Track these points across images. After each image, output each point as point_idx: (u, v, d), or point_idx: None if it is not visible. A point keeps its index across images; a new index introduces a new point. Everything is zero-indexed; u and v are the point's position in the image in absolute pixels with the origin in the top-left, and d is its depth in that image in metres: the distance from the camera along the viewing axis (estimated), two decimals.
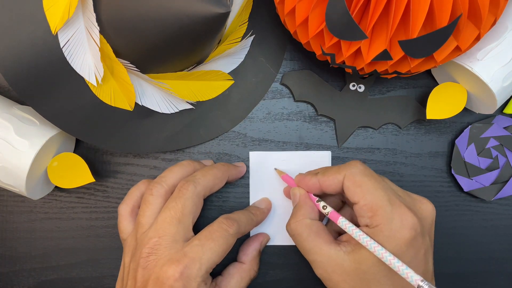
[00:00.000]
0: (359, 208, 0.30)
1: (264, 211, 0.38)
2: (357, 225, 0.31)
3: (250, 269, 0.36)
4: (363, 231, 0.29)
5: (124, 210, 0.35)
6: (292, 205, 0.35)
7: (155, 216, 0.33)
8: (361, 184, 0.30)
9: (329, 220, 0.35)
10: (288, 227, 0.33)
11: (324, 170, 0.33)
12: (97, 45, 0.32)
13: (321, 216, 0.35)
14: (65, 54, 0.33)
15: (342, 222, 0.30)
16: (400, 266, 0.27)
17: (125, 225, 0.35)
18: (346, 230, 0.30)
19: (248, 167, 0.40)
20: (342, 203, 0.36)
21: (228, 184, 0.39)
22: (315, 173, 0.34)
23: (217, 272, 0.35)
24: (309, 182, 0.33)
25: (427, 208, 0.31)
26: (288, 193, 0.38)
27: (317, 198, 0.33)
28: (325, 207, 0.32)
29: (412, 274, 0.26)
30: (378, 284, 0.29)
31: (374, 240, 0.28)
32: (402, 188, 0.32)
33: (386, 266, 0.29)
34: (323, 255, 0.30)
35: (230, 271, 0.35)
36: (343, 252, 0.30)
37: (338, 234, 0.35)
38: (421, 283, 0.26)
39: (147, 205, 0.33)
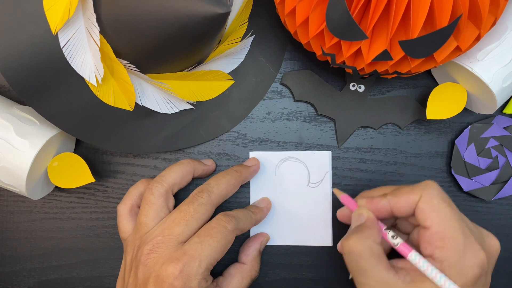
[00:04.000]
0: (429, 235, 0.28)
1: (263, 210, 0.38)
2: (418, 251, 0.29)
3: (251, 269, 0.36)
4: (433, 265, 0.27)
5: (123, 209, 0.36)
6: (346, 224, 0.33)
7: (157, 216, 0.33)
8: (437, 209, 0.28)
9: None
10: (347, 243, 0.29)
11: (393, 191, 0.31)
12: (97, 45, 0.32)
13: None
14: (65, 54, 0.33)
15: (415, 257, 0.28)
16: None
17: (124, 224, 0.35)
18: (419, 267, 0.28)
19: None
20: (391, 226, 0.34)
21: None
22: (381, 194, 0.31)
23: (218, 272, 0.35)
24: (378, 204, 0.30)
25: (495, 245, 0.30)
26: (345, 217, 0.34)
27: (385, 227, 0.31)
28: (394, 237, 0.30)
29: None
30: None
31: (450, 279, 0.27)
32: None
33: None
34: (379, 281, 0.28)
35: (231, 272, 0.35)
36: (402, 281, 0.28)
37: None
38: None
39: (150, 204, 0.33)
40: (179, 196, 0.37)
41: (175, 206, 0.34)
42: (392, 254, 0.31)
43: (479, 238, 0.29)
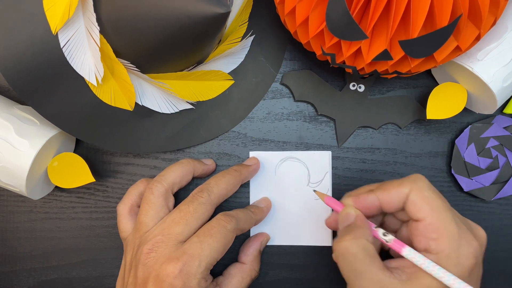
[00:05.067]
0: (423, 227, 0.27)
1: (263, 210, 0.38)
2: (410, 245, 0.28)
3: (251, 269, 0.36)
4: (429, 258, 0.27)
5: (123, 209, 0.36)
6: (335, 224, 0.32)
7: (157, 215, 0.33)
8: (429, 200, 0.28)
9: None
10: (340, 245, 0.28)
11: (381, 185, 0.30)
12: (97, 45, 0.32)
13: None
14: (65, 54, 0.33)
15: (410, 252, 0.28)
16: None
17: (124, 224, 0.35)
18: (414, 261, 0.27)
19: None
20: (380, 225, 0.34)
21: None
22: (369, 190, 0.31)
23: (218, 272, 0.35)
24: (365, 201, 0.30)
25: (482, 235, 0.29)
26: (332, 222, 0.33)
27: (375, 225, 0.30)
28: (385, 234, 0.29)
29: None
30: None
31: (449, 271, 0.26)
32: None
33: None
34: (375, 282, 0.27)
35: (231, 271, 0.35)
36: (398, 280, 0.27)
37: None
38: None
39: (149, 204, 0.33)
40: (179, 196, 0.37)
41: (175, 205, 0.34)
42: (382, 256, 0.30)
43: (469, 229, 0.28)
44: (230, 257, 0.37)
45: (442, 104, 0.37)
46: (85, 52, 0.34)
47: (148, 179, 0.37)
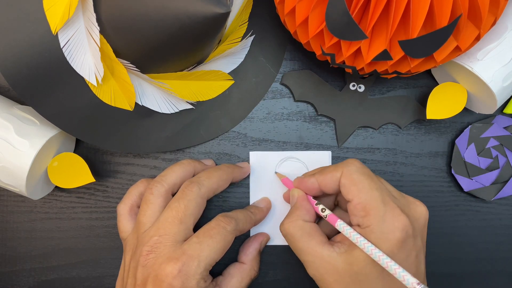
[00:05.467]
0: (352, 206, 0.30)
1: (263, 210, 0.38)
2: (349, 224, 0.31)
3: (251, 269, 0.36)
4: (356, 231, 0.29)
5: (123, 209, 0.35)
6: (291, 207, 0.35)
7: (155, 215, 0.33)
8: (357, 182, 0.30)
9: (320, 219, 0.35)
10: (282, 227, 0.33)
11: (321, 169, 0.33)
12: (97, 45, 0.32)
13: (316, 219, 0.35)
14: (65, 54, 0.33)
15: (340, 225, 0.30)
16: (396, 268, 0.27)
17: (124, 224, 0.35)
18: (344, 233, 0.30)
19: None
20: (334, 205, 0.36)
21: (231, 184, 0.39)
22: (312, 173, 0.34)
23: (217, 272, 0.35)
24: (307, 183, 0.33)
25: (420, 210, 0.31)
26: (287, 198, 0.38)
27: (316, 201, 0.33)
28: (323, 210, 0.32)
29: (409, 277, 0.26)
30: (370, 285, 0.29)
31: (371, 242, 0.28)
32: (399, 189, 0.32)
33: (378, 268, 0.29)
34: (315, 256, 0.30)
35: (230, 271, 0.35)
36: (336, 253, 0.30)
37: (332, 233, 0.35)
38: (417, 286, 0.26)
39: (148, 204, 0.33)
40: None
41: None
42: None
43: (402, 205, 0.31)
44: (230, 257, 0.37)
45: (442, 104, 0.37)
46: (85, 52, 0.34)
47: (149, 179, 0.37)
